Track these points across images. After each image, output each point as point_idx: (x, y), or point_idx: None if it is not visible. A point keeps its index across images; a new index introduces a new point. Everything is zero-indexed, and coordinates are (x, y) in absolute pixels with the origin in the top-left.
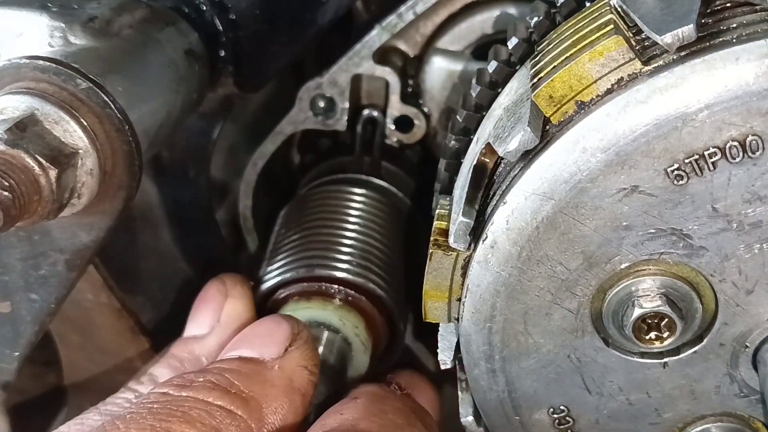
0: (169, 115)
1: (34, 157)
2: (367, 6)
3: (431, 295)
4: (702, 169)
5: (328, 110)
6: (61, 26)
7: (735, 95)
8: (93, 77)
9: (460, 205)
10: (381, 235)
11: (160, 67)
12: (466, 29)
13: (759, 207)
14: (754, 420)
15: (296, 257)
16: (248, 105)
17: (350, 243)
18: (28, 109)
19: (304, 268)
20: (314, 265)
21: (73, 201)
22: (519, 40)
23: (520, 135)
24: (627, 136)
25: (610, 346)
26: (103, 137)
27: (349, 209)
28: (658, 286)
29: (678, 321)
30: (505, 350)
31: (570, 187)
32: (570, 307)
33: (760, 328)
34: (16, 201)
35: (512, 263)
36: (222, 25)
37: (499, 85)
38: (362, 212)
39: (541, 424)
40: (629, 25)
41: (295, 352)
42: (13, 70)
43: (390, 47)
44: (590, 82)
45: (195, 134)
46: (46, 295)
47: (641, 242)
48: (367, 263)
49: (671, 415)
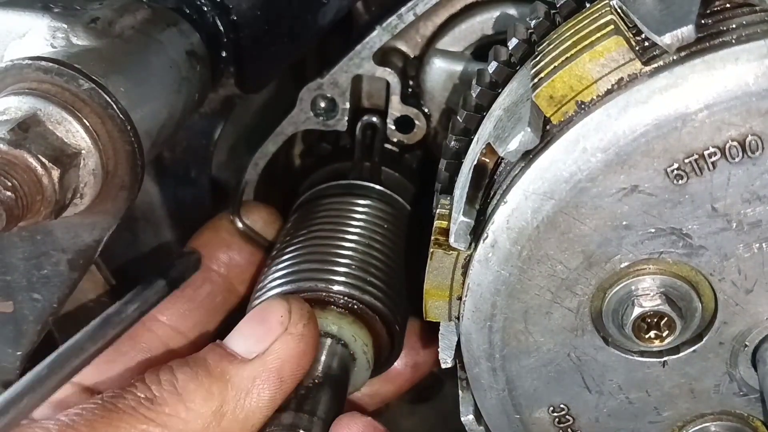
0: (171, 116)
1: (37, 157)
2: (367, 7)
3: (432, 294)
4: (701, 168)
5: (329, 111)
6: (64, 27)
7: (734, 95)
8: (95, 78)
9: (460, 205)
10: (387, 245)
11: (162, 68)
12: (466, 30)
13: (758, 207)
14: (753, 419)
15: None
16: (249, 105)
17: (358, 257)
18: (31, 109)
19: (313, 280)
20: (335, 281)
21: (75, 201)
22: (519, 41)
23: (520, 135)
24: (627, 136)
25: (610, 345)
26: (105, 137)
27: (353, 221)
28: (657, 285)
29: (677, 320)
30: (505, 349)
31: (570, 186)
32: (570, 306)
33: (760, 327)
34: (19, 201)
35: (513, 262)
36: (223, 26)
37: (500, 85)
38: (366, 223)
39: (541, 422)
40: (629, 26)
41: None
42: (16, 70)
43: (390, 48)
44: (590, 82)
45: (196, 134)
46: (49, 294)
47: (641, 241)
48: (376, 279)
49: (671, 413)
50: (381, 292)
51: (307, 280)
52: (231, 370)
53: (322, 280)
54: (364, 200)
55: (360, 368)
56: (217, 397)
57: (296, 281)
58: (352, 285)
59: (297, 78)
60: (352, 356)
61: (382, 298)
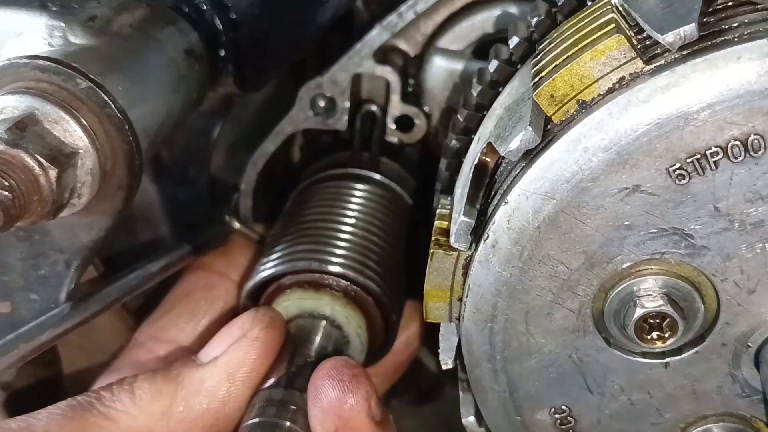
0: (169, 115)
1: (34, 156)
2: (367, 5)
3: (432, 294)
4: (704, 168)
5: (328, 110)
6: (61, 26)
7: (737, 94)
8: (93, 77)
9: (461, 205)
10: (384, 232)
11: (161, 67)
12: (466, 28)
13: (761, 206)
14: (756, 420)
15: (298, 248)
16: (248, 104)
17: (354, 240)
18: (28, 108)
19: (307, 260)
20: (330, 261)
21: (73, 201)
22: (520, 39)
23: (521, 134)
24: (629, 136)
25: (612, 346)
26: (103, 137)
27: (350, 204)
28: (659, 285)
29: (680, 321)
30: (506, 350)
31: (571, 186)
32: (571, 306)
33: (762, 327)
34: (16, 201)
35: (514, 263)
36: (222, 24)
37: (500, 84)
38: (363, 207)
39: (542, 424)
40: (631, 24)
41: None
42: (13, 69)
43: (390, 46)
44: (592, 81)
45: (195, 134)
46: (46, 295)
47: (643, 242)
48: (372, 263)
49: (673, 415)
50: (377, 275)
51: (301, 260)
52: (184, 372)
53: (317, 260)
54: (362, 185)
55: (354, 351)
56: (166, 397)
57: (291, 261)
58: (347, 266)
59: (296, 77)
60: (346, 339)
61: (378, 281)
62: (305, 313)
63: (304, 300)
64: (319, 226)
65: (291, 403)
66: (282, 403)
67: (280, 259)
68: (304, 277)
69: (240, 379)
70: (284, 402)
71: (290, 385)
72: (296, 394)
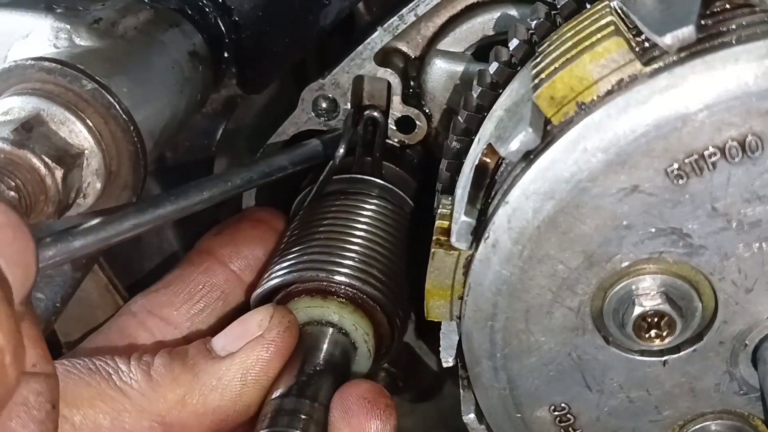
0: (174, 116)
1: (40, 157)
2: (368, 8)
3: (433, 293)
4: (701, 168)
5: (330, 111)
6: (67, 28)
7: (734, 96)
8: (98, 78)
9: (461, 205)
10: (389, 238)
11: (165, 69)
12: (467, 31)
13: (758, 206)
14: (753, 417)
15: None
16: (251, 106)
17: (361, 249)
18: (34, 109)
19: (315, 270)
20: (337, 271)
21: (78, 201)
22: (520, 42)
23: (521, 135)
24: (627, 137)
25: (611, 344)
26: (108, 138)
27: (357, 214)
28: (658, 284)
29: (678, 319)
30: (506, 348)
31: (571, 186)
32: (571, 305)
33: (760, 326)
34: (23, 201)
35: (514, 262)
36: (225, 26)
37: (500, 86)
38: (369, 217)
39: (542, 421)
40: (629, 27)
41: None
42: (20, 71)
43: (391, 49)
44: (591, 83)
45: (198, 135)
46: (52, 294)
47: (641, 241)
48: (377, 271)
49: (671, 412)
50: (382, 283)
51: (309, 269)
52: (202, 364)
53: (325, 270)
54: (367, 195)
55: (361, 357)
56: (183, 387)
57: (299, 270)
58: (353, 276)
59: (298, 79)
60: (354, 345)
61: (383, 289)
62: (313, 320)
63: (312, 308)
64: (327, 236)
65: (302, 412)
66: (293, 412)
67: (289, 268)
68: (312, 286)
69: (252, 379)
70: (295, 411)
71: (301, 394)
72: (307, 404)
